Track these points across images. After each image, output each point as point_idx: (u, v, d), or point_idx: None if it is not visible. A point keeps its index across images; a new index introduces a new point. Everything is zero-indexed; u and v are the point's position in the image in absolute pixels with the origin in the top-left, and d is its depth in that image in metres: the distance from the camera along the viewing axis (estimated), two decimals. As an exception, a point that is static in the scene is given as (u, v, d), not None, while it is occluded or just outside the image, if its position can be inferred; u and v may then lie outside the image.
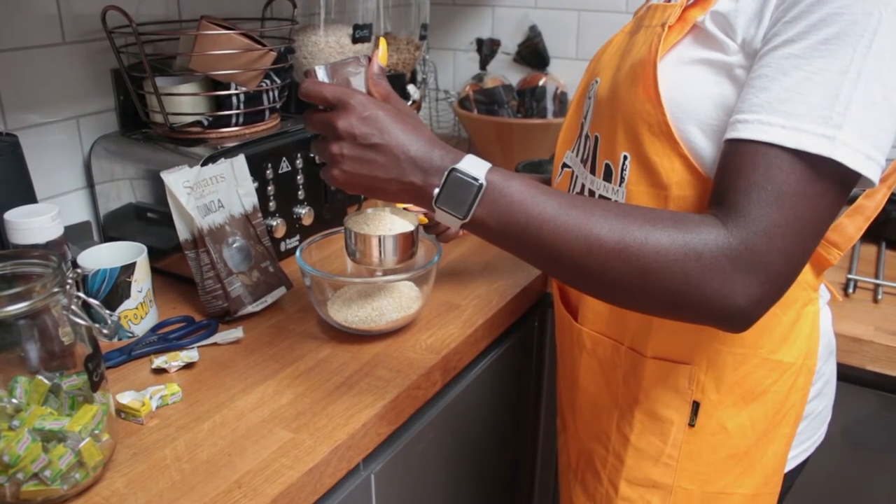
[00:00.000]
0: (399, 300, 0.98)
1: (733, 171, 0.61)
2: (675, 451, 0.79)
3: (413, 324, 1.02)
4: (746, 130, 0.60)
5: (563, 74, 1.70)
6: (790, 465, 0.84)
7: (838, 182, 0.59)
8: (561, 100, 1.65)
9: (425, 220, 0.99)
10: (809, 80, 0.58)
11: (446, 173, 0.63)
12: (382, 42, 0.74)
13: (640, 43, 0.72)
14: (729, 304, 0.60)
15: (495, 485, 1.28)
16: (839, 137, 0.57)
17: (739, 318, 0.61)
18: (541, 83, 1.66)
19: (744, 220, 0.59)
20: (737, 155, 0.61)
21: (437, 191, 0.64)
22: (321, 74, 0.71)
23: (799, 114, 0.58)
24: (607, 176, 0.75)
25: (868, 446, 1.08)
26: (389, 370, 0.92)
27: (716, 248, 0.59)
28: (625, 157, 0.72)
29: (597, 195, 0.76)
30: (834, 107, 0.57)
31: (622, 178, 0.73)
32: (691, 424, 0.78)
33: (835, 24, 0.58)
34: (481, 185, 0.63)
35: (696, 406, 0.77)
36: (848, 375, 1.01)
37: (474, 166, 0.64)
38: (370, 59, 0.72)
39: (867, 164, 0.58)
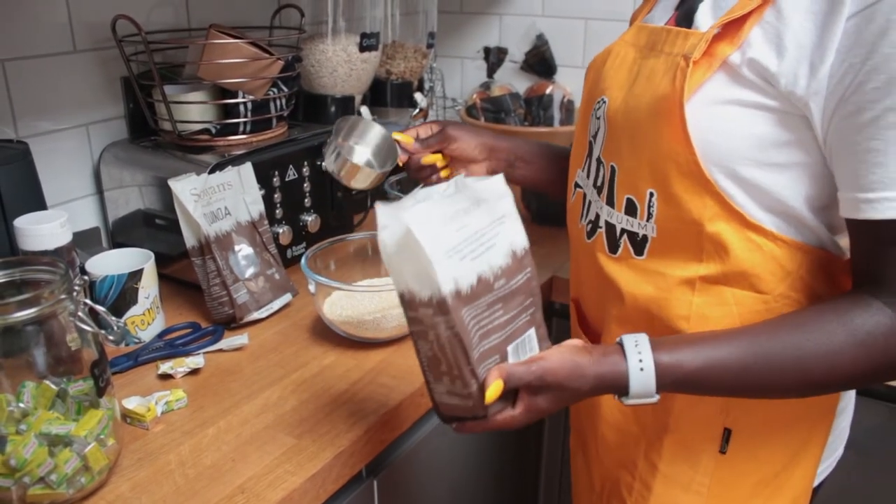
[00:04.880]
0: (403, 307, 0.98)
1: (876, 251, 0.63)
2: (705, 479, 0.77)
3: (417, 331, 1.02)
4: (875, 210, 0.61)
5: (571, 83, 1.71)
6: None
7: None
8: (568, 108, 1.65)
9: (403, 161, 0.97)
10: None
11: (621, 400, 0.66)
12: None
13: (660, 73, 0.69)
14: None
15: (500, 492, 1.28)
16: None
17: None
18: (548, 91, 1.66)
19: None
20: (871, 235, 0.63)
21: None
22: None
23: None
24: (630, 210, 0.73)
25: (881, 459, 1.08)
26: (393, 377, 0.92)
27: (891, 332, 0.62)
28: (651, 194, 0.71)
29: (618, 228, 0.75)
30: None
31: (650, 214, 0.72)
32: (722, 451, 0.76)
33: None
34: (658, 398, 0.65)
35: (727, 433, 0.76)
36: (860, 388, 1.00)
37: (642, 390, 0.64)
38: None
39: None
